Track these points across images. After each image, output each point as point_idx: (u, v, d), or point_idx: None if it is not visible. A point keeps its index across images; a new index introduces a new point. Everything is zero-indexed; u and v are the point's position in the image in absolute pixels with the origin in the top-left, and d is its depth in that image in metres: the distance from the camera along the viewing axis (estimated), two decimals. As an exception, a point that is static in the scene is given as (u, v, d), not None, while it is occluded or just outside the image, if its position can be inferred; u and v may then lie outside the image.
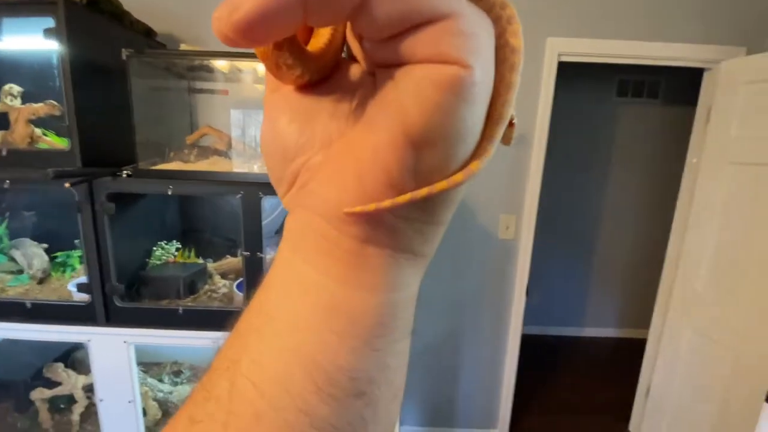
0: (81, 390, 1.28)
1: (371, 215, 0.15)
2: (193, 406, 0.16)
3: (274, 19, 0.11)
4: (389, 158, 0.14)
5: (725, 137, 1.57)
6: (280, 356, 0.15)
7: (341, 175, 0.15)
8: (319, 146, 0.16)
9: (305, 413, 0.14)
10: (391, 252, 0.16)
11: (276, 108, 0.17)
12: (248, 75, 1.23)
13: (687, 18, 1.57)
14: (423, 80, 0.13)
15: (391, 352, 0.16)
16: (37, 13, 0.93)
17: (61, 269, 1.28)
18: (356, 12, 0.12)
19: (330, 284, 0.15)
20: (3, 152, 1.01)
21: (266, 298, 0.17)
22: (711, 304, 1.62)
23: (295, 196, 0.17)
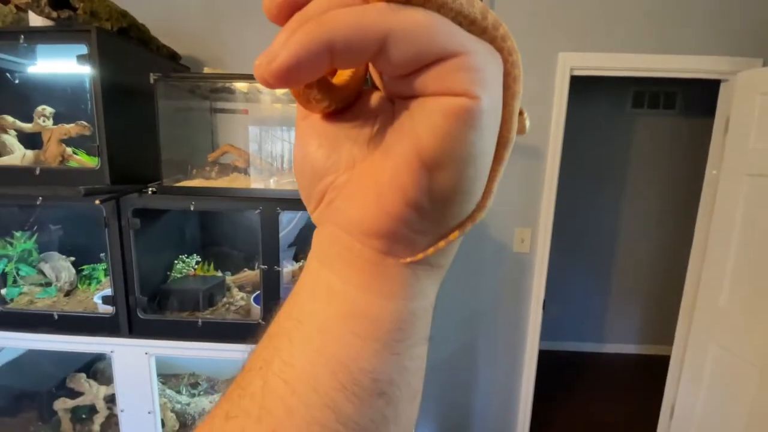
0: (102, 400, 1.31)
1: (391, 231, 0.16)
2: (228, 403, 0.17)
3: (306, 66, 0.13)
4: (405, 180, 0.16)
5: (743, 148, 1.55)
6: (308, 357, 0.16)
7: (363, 195, 0.17)
8: (344, 168, 0.17)
9: (332, 410, 0.16)
10: (409, 263, 0.17)
11: (306, 134, 0.19)
12: (267, 95, 1.27)
13: (701, 30, 1.56)
14: (434, 111, 0.15)
15: (409, 356, 0.18)
16: (71, 40, 0.99)
17: (87, 282, 1.32)
18: (376, 56, 0.14)
19: (353, 292, 0.17)
20: (36, 171, 1.07)
21: (296, 303, 0.18)
22: (735, 319, 1.57)
23: (322, 212, 0.18)
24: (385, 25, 0.14)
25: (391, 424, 0.17)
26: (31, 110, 1.18)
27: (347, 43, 0.13)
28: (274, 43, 0.14)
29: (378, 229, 0.16)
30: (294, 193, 1.09)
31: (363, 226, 0.17)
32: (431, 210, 0.16)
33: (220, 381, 1.50)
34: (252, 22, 1.54)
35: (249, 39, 1.54)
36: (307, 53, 0.13)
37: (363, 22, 0.14)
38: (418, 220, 0.16)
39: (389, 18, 0.14)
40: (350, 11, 0.14)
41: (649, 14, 1.56)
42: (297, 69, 0.13)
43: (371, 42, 0.14)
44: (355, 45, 0.14)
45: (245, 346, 1.09)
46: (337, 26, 0.13)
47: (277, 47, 0.13)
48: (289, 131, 1.24)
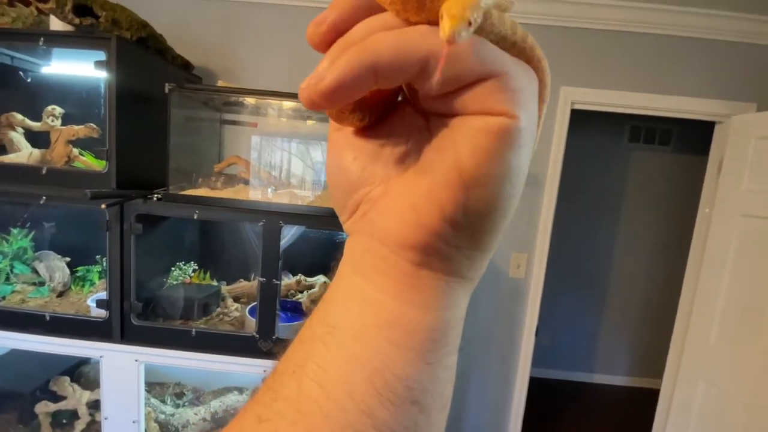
0: (85, 406, 1.28)
1: (427, 244, 0.17)
2: (259, 406, 0.18)
3: (351, 87, 0.14)
4: (443, 196, 0.16)
5: (736, 189, 1.59)
6: (344, 363, 0.17)
7: (400, 207, 0.17)
8: (380, 181, 0.18)
9: (367, 415, 0.16)
10: (443, 275, 0.18)
11: (341, 146, 0.19)
12: (275, 110, 1.30)
13: (698, 73, 1.63)
14: (475, 130, 0.16)
15: (442, 365, 0.18)
16: (91, 46, 1.01)
17: (81, 283, 1.31)
18: (418, 76, 0.15)
19: (387, 301, 0.17)
20: (43, 170, 1.07)
21: (329, 310, 0.19)
22: (724, 357, 1.58)
23: (356, 223, 0.19)
24: (426, 48, 0.15)
25: (423, 429, 0.17)
26: (40, 109, 1.20)
27: (390, 65, 0.14)
28: (320, 66, 0.15)
29: (414, 241, 0.17)
30: (297, 208, 1.10)
31: (399, 238, 0.17)
32: (467, 225, 0.17)
33: (206, 392, 1.47)
34: (265, 38, 1.57)
35: (261, 54, 1.58)
36: (352, 75, 0.14)
37: (406, 45, 0.15)
38: (453, 235, 0.17)
39: (431, 40, 0.15)
40: (393, 34, 0.15)
41: (649, 55, 1.63)
42: (342, 90, 0.14)
43: (413, 64, 0.15)
44: (397, 67, 0.15)
45: (238, 358, 1.09)
46: (381, 49, 0.14)
47: (323, 70, 0.14)
48: (294, 144, 1.26)
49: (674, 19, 1.57)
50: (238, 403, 1.36)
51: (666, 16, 1.57)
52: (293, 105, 1.22)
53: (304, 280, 1.34)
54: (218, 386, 1.46)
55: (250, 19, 1.57)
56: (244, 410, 0.18)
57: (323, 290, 1.30)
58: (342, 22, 0.16)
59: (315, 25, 0.16)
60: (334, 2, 0.16)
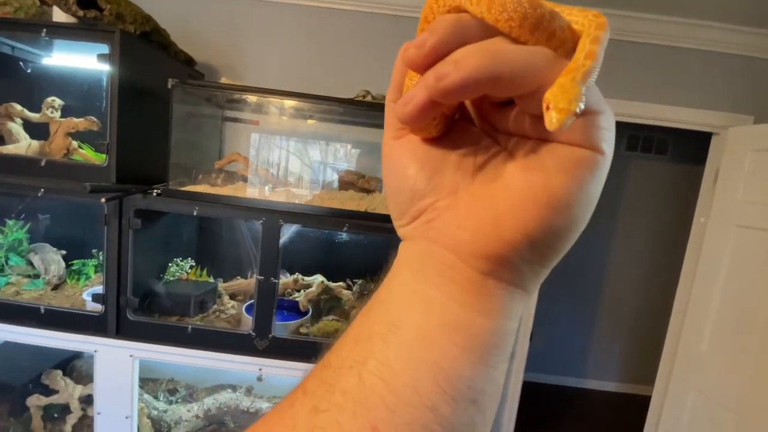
0: (77, 400, 1.27)
1: (502, 256, 0.18)
2: (314, 398, 0.18)
3: (471, 89, 0.16)
4: (529, 213, 0.17)
5: (732, 200, 1.61)
6: (409, 361, 0.18)
7: (476, 219, 0.18)
8: (447, 192, 0.19)
9: (431, 411, 0.17)
10: (508, 286, 0.19)
11: (403, 155, 0.20)
12: (277, 108, 1.30)
13: (696, 84, 1.64)
14: (568, 158, 0.17)
15: (499, 369, 0.19)
16: (94, 39, 1.00)
17: (76, 277, 1.30)
18: (528, 94, 0.16)
19: (453, 306, 0.18)
20: (42, 162, 1.07)
21: (388, 310, 0.19)
22: (715, 365, 1.60)
23: (418, 229, 0.20)
24: (548, 72, 0.16)
25: (478, 430, 0.18)
26: (40, 101, 1.19)
27: (513, 78, 0.16)
28: (440, 70, 0.16)
29: (490, 252, 0.18)
30: (297, 207, 1.10)
31: (473, 247, 0.18)
32: (543, 243, 0.18)
33: (199, 389, 1.47)
34: (268, 36, 1.57)
35: (264, 52, 1.58)
36: (475, 78, 0.15)
37: (532, 63, 0.16)
38: (528, 250, 0.18)
39: (553, 67, 0.16)
40: (522, 50, 0.16)
41: (649, 65, 1.64)
42: (463, 89, 0.15)
43: (533, 82, 0.16)
44: (519, 81, 0.16)
45: (234, 356, 1.08)
46: (509, 60, 0.16)
47: (447, 68, 0.15)
48: (293, 143, 1.26)
49: (675, 31, 1.59)
50: (231, 401, 1.36)
51: (667, 27, 1.58)
52: (295, 104, 1.22)
53: (302, 279, 1.34)
54: (212, 384, 1.45)
55: (254, 17, 1.56)
56: (291, 402, 0.19)
57: (320, 290, 1.31)
58: (443, 46, 0.17)
59: (417, 48, 0.17)
60: (433, 27, 0.17)
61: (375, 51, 1.54)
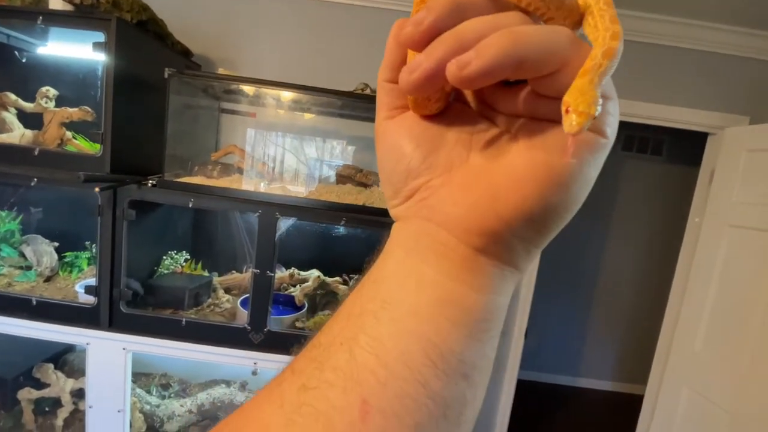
0: (69, 394, 1.26)
1: (497, 232, 0.18)
2: (303, 377, 0.18)
3: (495, 74, 0.15)
4: (529, 191, 0.17)
5: (727, 200, 1.62)
6: (400, 336, 0.17)
7: (471, 196, 0.18)
8: (441, 170, 0.19)
9: (422, 385, 0.17)
10: (499, 263, 0.19)
11: (399, 134, 0.20)
12: (274, 100, 1.29)
13: (693, 84, 1.65)
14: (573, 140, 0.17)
15: (490, 345, 0.19)
16: (90, 27, 0.99)
17: (69, 269, 1.29)
18: (547, 76, 0.16)
19: (445, 281, 0.18)
20: (35, 152, 1.05)
21: (380, 288, 0.19)
22: (708, 364, 1.61)
23: (411, 208, 0.20)
24: (569, 54, 0.16)
25: (468, 405, 0.18)
26: (34, 90, 1.17)
27: (536, 60, 0.16)
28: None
29: (484, 228, 0.18)
30: (293, 200, 1.09)
31: (466, 223, 0.18)
32: (539, 221, 0.18)
33: (192, 384, 1.46)
34: (265, 28, 1.56)
35: (261, 44, 1.56)
36: (500, 63, 0.15)
37: (554, 46, 0.16)
38: (523, 227, 0.18)
39: (575, 49, 0.16)
40: (542, 31, 0.16)
41: (646, 65, 1.65)
42: (486, 75, 0.15)
43: (554, 64, 0.16)
44: (541, 64, 0.16)
45: (229, 350, 1.07)
46: (532, 43, 0.15)
47: (469, 56, 0.15)
48: (289, 137, 1.25)
49: (672, 30, 1.60)
50: (225, 396, 1.35)
51: (664, 27, 1.59)
52: (293, 96, 1.21)
53: (298, 273, 1.33)
54: (205, 378, 1.44)
55: (252, 9, 1.55)
56: (279, 381, 0.19)
57: (316, 284, 1.30)
58: (441, 23, 0.17)
59: (414, 25, 0.17)
60: (430, 4, 0.17)
61: (373, 44, 1.53)
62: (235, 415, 0.19)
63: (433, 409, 0.17)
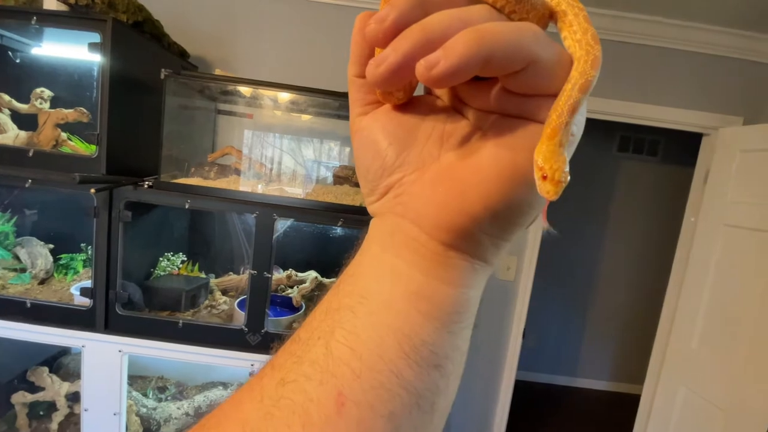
0: (64, 398, 1.25)
1: (464, 228, 0.18)
2: (281, 371, 0.18)
3: (463, 73, 0.15)
4: (493, 188, 0.18)
5: (722, 200, 1.63)
6: (375, 329, 0.18)
7: (441, 193, 0.19)
8: (414, 167, 0.19)
9: (396, 375, 0.17)
10: (469, 257, 0.19)
11: (372, 130, 0.21)
12: (271, 101, 1.29)
13: (687, 85, 1.67)
14: (539, 136, 0.17)
15: (462, 336, 0.20)
16: (85, 27, 0.99)
17: (64, 271, 1.28)
18: (516, 73, 0.16)
19: (417, 275, 0.19)
20: (30, 153, 1.04)
21: (357, 282, 0.20)
22: (705, 363, 1.62)
23: (385, 204, 0.20)
24: (537, 51, 0.16)
25: (441, 394, 0.19)
26: (29, 91, 1.16)
27: (504, 57, 0.16)
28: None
29: (452, 225, 0.18)
30: (291, 201, 1.09)
31: (436, 220, 0.19)
32: (505, 217, 0.19)
33: (189, 387, 1.45)
34: (262, 30, 1.56)
35: (258, 46, 1.56)
36: (467, 64, 0.15)
37: (522, 42, 0.16)
38: (489, 223, 0.18)
39: (542, 46, 0.16)
40: (509, 28, 0.16)
41: (641, 66, 1.66)
42: (454, 76, 0.15)
43: (522, 62, 0.16)
44: (509, 61, 0.16)
45: (226, 351, 1.07)
46: (498, 41, 0.15)
47: (437, 56, 0.15)
48: (287, 139, 1.25)
49: (667, 32, 1.61)
50: (222, 398, 1.34)
51: (659, 28, 1.60)
52: (290, 97, 1.21)
53: (295, 275, 1.33)
54: (202, 381, 1.43)
55: (249, 10, 1.55)
56: (260, 377, 0.19)
57: (314, 286, 1.30)
58: (404, 20, 0.17)
59: (378, 22, 0.17)
60: (392, 1, 0.17)
61: (371, 47, 1.53)
62: (215, 413, 0.19)
63: (406, 398, 0.17)
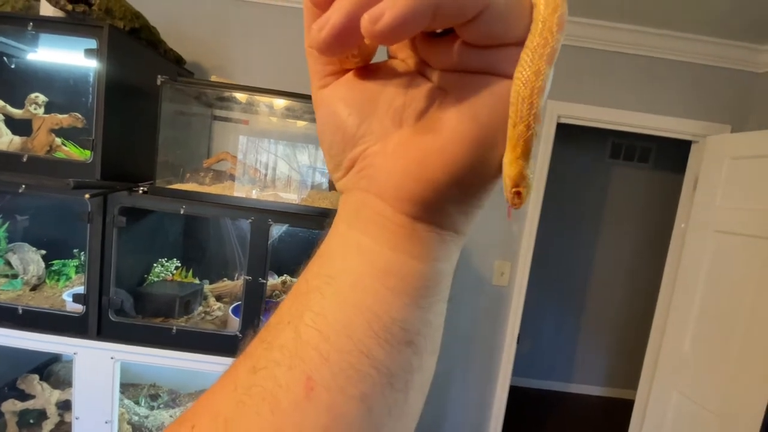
0: (54, 406, 1.23)
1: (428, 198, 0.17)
2: (253, 358, 0.18)
3: (410, 26, 0.14)
4: (456, 152, 0.17)
5: (711, 206, 1.66)
6: (342, 309, 0.17)
7: (403, 162, 0.17)
8: (377, 137, 0.18)
9: (365, 355, 0.17)
10: (437, 229, 0.18)
11: (332, 102, 0.19)
12: (267, 107, 1.29)
13: (677, 94, 1.70)
14: (503, 95, 0.16)
15: (434, 311, 0.19)
16: (82, 34, 0.99)
17: (56, 277, 1.27)
18: (471, 21, 0.15)
19: (384, 251, 0.18)
20: (24, 158, 1.04)
21: (324, 263, 0.19)
22: (697, 367, 1.63)
23: (350, 180, 0.19)
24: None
25: (416, 372, 0.18)
26: (23, 96, 1.16)
27: (453, 4, 0.14)
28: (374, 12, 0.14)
29: (415, 195, 0.17)
30: (286, 206, 1.09)
31: (399, 192, 0.18)
32: (470, 183, 0.18)
33: (182, 394, 1.43)
34: (258, 37, 1.57)
35: (254, 52, 1.57)
36: (413, 14, 0.14)
37: None
38: (454, 191, 0.17)
39: None
40: None
41: (633, 75, 1.69)
42: (401, 28, 0.14)
43: (473, 8, 0.15)
44: (459, 8, 0.15)
45: (220, 358, 1.06)
46: None
47: (381, 8, 0.14)
48: (282, 145, 1.25)
49: (658, 42, 1.64)
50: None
51: (650, 38, 1.64)
52: (285, 103, 1.22)
53: (290, 281, 1.32)
54: (195, 388, 1.42)
55: (245, 18, 1.56)
56: (234, 366, 0.18)
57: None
58: None
59: None
60: None
61: (366, 55, 1.55)
62: (192, 407, 0.19)
63: (377, 378, 0.17)
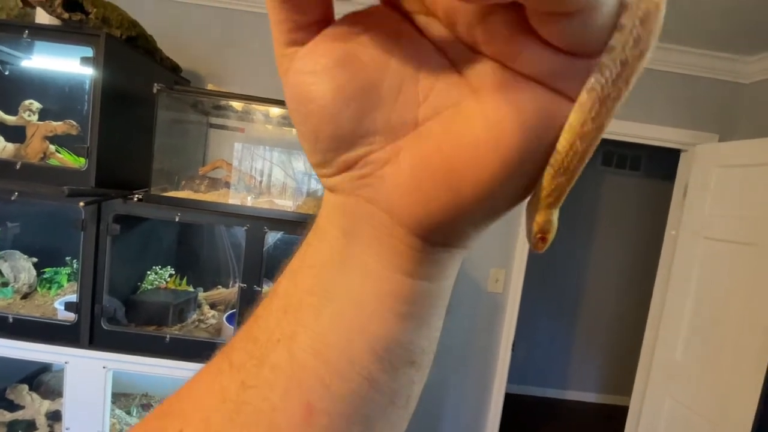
0: (44, 416, 1.21)
1: (455, 223, 0.15)
2: (243, 372, 0.16)
3: None
4: (490, 165, 0.13)
5: (700, 213, 1.69)
6: (343, 333, 0.16)
7: (426, 183, 0.14)
8: (384, 139, 0.14)
9: (368, 380, 0.16)
10: (451, 249, 0.16)
11: (313, 81, 0.14)
12: (263, 116, 1.30)
13: (667, 104, 1.74)
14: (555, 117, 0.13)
15: (438, 326, 0.18)
16: (79, 42, 0.99)
17: (48, 285, 1.25)
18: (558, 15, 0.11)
19: (392, 275, 0.16)
20: (17, 165, 1.03)
21: (319, 277, 0.17)
22: (690, 373, 1.65)
23: (346, 182, 0.15)
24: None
25: (416, 384, 0.18)
26: (17, 103, 1.16)
27: None
28: None
29: (442, 220, 0.15)
30: (282, 214, 1.10)
31: (418, 216, 0.14)
32: (498, 208, 0.15)
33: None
34: (254, 46, 1.58)
35: (250, 59, 1.58)
36: None
37: None
38: (485, 209, 0.15)
39: None
40: None
41: (622, 84, 1.72)
42: None
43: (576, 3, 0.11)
44: None
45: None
46: None
47: None
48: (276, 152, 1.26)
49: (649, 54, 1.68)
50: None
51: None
52: (281, 111, 1.23)
53: (285, 288, 1.32)
54: (189, 397, 1.40)
55: (242, 27, 1.58)
56: (219, 369, 0.17)
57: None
58: None
59: None
60: None
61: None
62: (176, 402, 0.17)
63: (380, 400, 0.16)
